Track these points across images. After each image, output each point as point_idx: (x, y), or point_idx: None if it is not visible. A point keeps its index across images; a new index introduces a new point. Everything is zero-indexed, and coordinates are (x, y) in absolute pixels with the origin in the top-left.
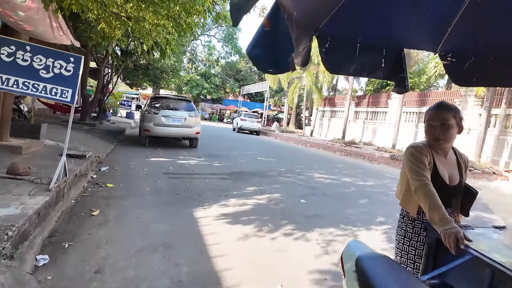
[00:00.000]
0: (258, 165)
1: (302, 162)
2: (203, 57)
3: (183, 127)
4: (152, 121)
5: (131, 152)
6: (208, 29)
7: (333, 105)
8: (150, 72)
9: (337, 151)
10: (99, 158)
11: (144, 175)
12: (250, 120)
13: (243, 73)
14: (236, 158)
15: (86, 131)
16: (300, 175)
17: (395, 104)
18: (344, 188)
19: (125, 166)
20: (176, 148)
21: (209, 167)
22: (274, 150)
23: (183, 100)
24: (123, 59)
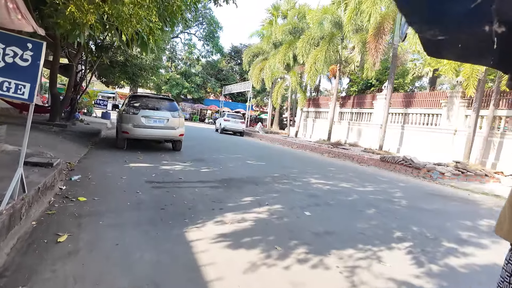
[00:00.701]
0: (249, 169)
1: (294, 165)
2: (183, 56)
3: (165, 129)
4: (131, 122)
5: (107, 157)
6: (188, 27)
7: (317, 105)
8: (128, 69)
9: (325, 152)
10: (71, 164)
11: (123, 185)
12: (233, 121)
13: (225, 73)
14: (224, 162)
15: (56, 133)
16: (296, 181)
17: (380, 105)
18: (345, 195)
19: (101, 173)
20: (158, 151)
21: (197, 174)
22: (261, 152)
23: (165, 99)
24: (98, 55)
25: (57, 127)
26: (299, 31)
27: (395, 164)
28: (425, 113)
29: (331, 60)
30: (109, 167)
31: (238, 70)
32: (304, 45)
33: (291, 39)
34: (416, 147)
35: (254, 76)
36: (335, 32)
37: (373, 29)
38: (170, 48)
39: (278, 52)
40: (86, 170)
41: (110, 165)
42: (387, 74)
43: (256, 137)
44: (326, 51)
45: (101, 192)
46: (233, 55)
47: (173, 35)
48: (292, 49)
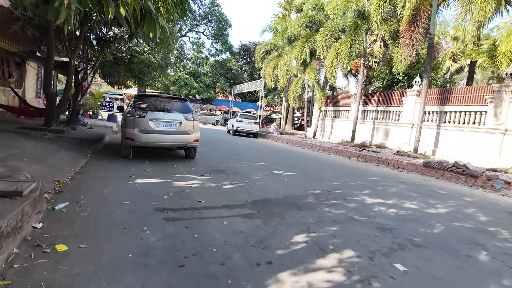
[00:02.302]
0: (281, 184)
1: (330, 175)
2: (192, 55)
3: (178, 134)
4: (137, 127)
5: (109, 170)
6: (197, 25)
7: (336, 104)
8: (134, 66)
9: (353, 156)
10: (59, 183)
11: (124, 217)
12: (247, 122)
13: (234, 72)
14: (248, 173)
15: (50, 141)
16: (348, 201)
17: (411, 102)
18: (424, 225)
19: (97, 197)
20: (169, 159)
21: (219, 192)
22: (284, 157)
23: (176, 98)
24: (100, 50)
25: (53, 133)
26: (316, 24)
27: (443, 170)
28: (466, 111)
29: (356, 53)
30: (109, 186)
31: (248, 69)
32: (324, 38)
33: (308, 33)
34: (455, 149)
35: (267, 73)
36: (360, 23)
37: (408, 16)
38: (178, 47)
39: (293, 47)
40: (78, 192)
41: (111, 183)
42: (416, 68)
43: (270, 138)
44: (351, 44)
45: (92, 232)
46: (242, 54)
47: (181, 34)
48: (309, 44)
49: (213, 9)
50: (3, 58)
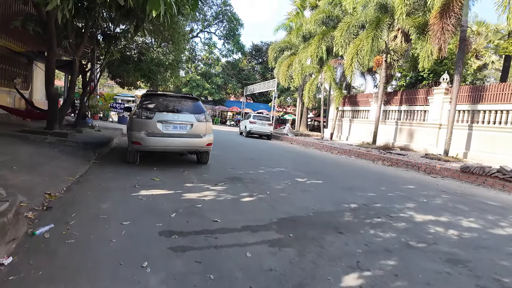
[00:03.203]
0: (309, 196)
1: (360, 183)
2: (203, 56)
3: (189, 137)
4: (144, 130)
5: (111, 179)
6: (208, 26)
7: (355, 104)
8: (143, 65)
9: (377, 159)
10: (50, 196)
11: (120, 245)
12: (260, 123)
13: (246, 73)
14: (268, 182)
15: (50, 146)
16: (394, 219)
17: (438, 101)
18: (506, 256)
19: (91, 215)
20: (179, 165)
21: (237, 208)
22: (304, 161)
23: (187, 98)
24: (106, 47)
25: (55, 136)
26: (333, 20)
27: (485, 176)
28: (503, 110)
29: (377, 49)
30: (108, 200)
31: (260, 69)
32: (343, 34)
33: (324, 30)
34: (490, 152)
35: (281, 73)
36: (382, 17)
37: (439, 6)
38: (190, 48)
39: (309, 45)
40: (70, 209)
41: (111, 195)
42: (443, 64)
43: (285, 140)
44: (372, 39)
45: (75, 271)
46: (254, 54)
47: (192, 35)
48: (326, 41)
49: (224, 9)
50: (9, 58)
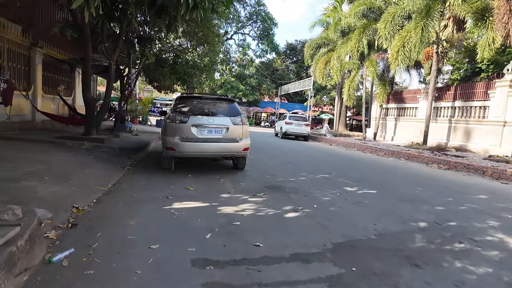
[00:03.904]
0: (365, 211)
1: (422, 193)
2: (237, 57)
3: (224, 142)
4: (178, 134)
5: (144, 188)
6: (242, 27)
7: (400, 101)
8: (178, 68)
9: (430, 162)
10: (77, 211)
11: (145, 278)
12: (297, 123)
13: (280, 72)
14: (312, 191)
15: (87, 152)
16: (481, 244)
17: (501, 95)
18: None
19: (117, 236)
20: (215, 171)
21: (282, 227)
22: (349, 165)
23: (223, 99)
24: (141, 51)
25: (92, 142)
26: (375, 11)
27: None
28: None
29: (427, 40)
30: (138, 215)
31: (294, 68)
32: (388, 26)
33: (365, 23)
34: None
35: (318, 70)
36: (432, 4)
37: None
38: (224, 51)
39: (348, 39)
40: (97, 226)
41: (142, 209)
42: (508, 53)
43: (323, 141)
44: (422, 29)
45: None
46: (288, 53)
47: (227, 38)
48: (367, 35)
49: (258, 9)
50: (53, 66)
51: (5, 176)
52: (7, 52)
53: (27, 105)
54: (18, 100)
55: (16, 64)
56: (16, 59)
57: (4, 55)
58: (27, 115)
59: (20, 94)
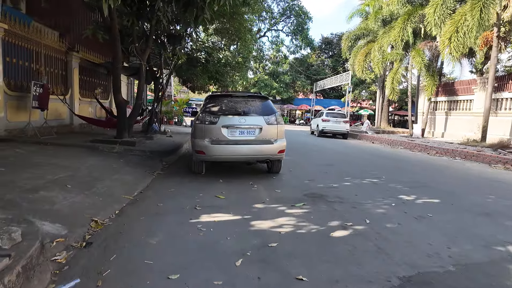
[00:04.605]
0: (431, 229)
1: (497, 203)
2: (271, 55)
3: (257, 144)
4: (208, 137)
5: (171, 196)
6: (275, 23)
7: (452, 93)
8: (210, 66)
9: (494, 161)
10: (96, 225)
11: None
12: (334, 121)
13: (315, 68)
14: (361, 201)
15: (118, 156)
16: None
17: None
18: None
19: (133, 260)
20: (247, 175)
21: (330, 252)
22: (399, 168)
23: (255, 97)
24: (172, 50)
25: (123, 145)
26: None
27: None
28: None
29: (487, 23)
30: (161, 231)
31: (330, 63)
32: (438, 10)
33: (410, 9)
34: None
35: (357, 63)
36: None
37: None
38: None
39: (391, 28)
40: (113, 246)
41: (165, 223)
42: None
43: (364, 139)
44: (481, 10)
45: None
46: (324, 48)
47: (260, 35)
48: (412, 22)
49: (292, 4)
50: (89, 70)
51: (28, 185)
52: (44, 57)
53: (65, 109)
54: (55, 104)
55: (54, 69)
56: (53, 64)
57: (42, 60)
58: (65, 119)
59: (58, 99)
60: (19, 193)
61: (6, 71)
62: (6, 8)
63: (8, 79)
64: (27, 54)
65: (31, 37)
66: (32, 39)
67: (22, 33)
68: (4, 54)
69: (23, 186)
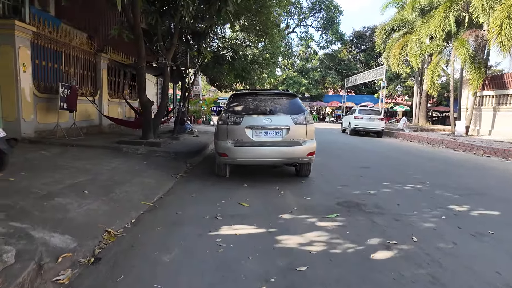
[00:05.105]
0: (495, 250)
1: None
2: (299, 51)
3: (284, 146)
4: (231, 138)
5: (192, 203)
6: (304, 18)
7: (501, 87)
8: (236, 64)
9: None
10: (109, 236)
11: None
12: (368, 118)
13: (346, 63)
14: (405, 213)
15: (142, 157)
16: None
17: None
18: None
19: (141, 282)
20: (274, 178)
21: (370, 278)
22: (445, 171)
23: (282, 95)
24: (197, 47)
25: (147, 146)
26: None
27: None
28: None
29: None
30: (176, 245)
31: (363, 57)
32: None
33: None
34: None
35: (392, 56)
36: None
37: None
38: (286, 45)
39: (430, 18)
40: (121, 263)
41: (182, 236)
42: None
43: (400, 137)
44: None
45: None
46: (355, 42)
47: (288, 31)
48: (455, 10)
49: None
50: (118, 71)
51: (44, 191)
52: (73, 59)
53: (94, 110)
54: (85, 105)
55: (83, 71)
56: (82, 66)
57: (70, 62)
58: (95, 119)
59: (87, 100)
60: (34, 200)
61: (36, 73)
62: (35, 11)
63: (38, 81)
64: (56, 56)
65: (60, 39)
66: (61, 41)
67: (51, 36)
68: (34, 56)
69: (39, 192)
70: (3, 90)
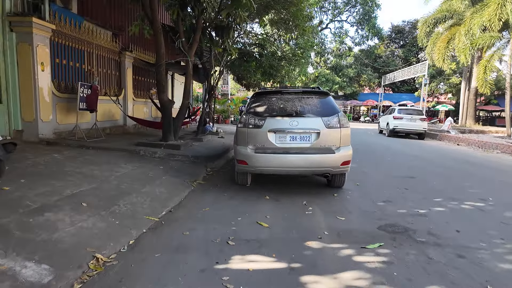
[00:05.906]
0: None
1: None
2: (333, 48)
3: (313, 153)
4: (251, 143)
5: (203, 219)
6: (339, 14)
7: None
8: (263, 61)
9: None
10: (95, 265)
11: None
12: (409, 118)
13: (383, 59)
14: (469, 244)
15: (159, 161)
16: None
17: None
18: None
19: None
20: (300, 189)
21: None
22: (501, 181)
23: (312, 93)
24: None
25: (166, 149)
26: None
27: None
28: None
29: None
30: (174, 283)
31: (402, 53)
32: None
33: None
34: None
35: (436, 51)
36: None
37: None
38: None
39: (483, 6)
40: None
41: (181, 269)
42: None
43: (445, 140)
44: None
45: None
46: (394, 37)
47: (321, 28)
48: None
49: None
50: (144, 70)
51: (37, 203)
52: (96, 58)
53: (118, 110)
54: (108, 105)
55: (107, 70)
56: (106, 65)
57: (93, 61)
58: (119, 120)
59: (110, 100)
60: (20, 215)
61: (56, 72)
62: (56, 8)
63: (58, 80)
64: (78, 55)
65: (83, 37)
66: (84, 39)
67: (73, 34)
68: (53, 55)
69: (30, 205)
70: (21, 90)
